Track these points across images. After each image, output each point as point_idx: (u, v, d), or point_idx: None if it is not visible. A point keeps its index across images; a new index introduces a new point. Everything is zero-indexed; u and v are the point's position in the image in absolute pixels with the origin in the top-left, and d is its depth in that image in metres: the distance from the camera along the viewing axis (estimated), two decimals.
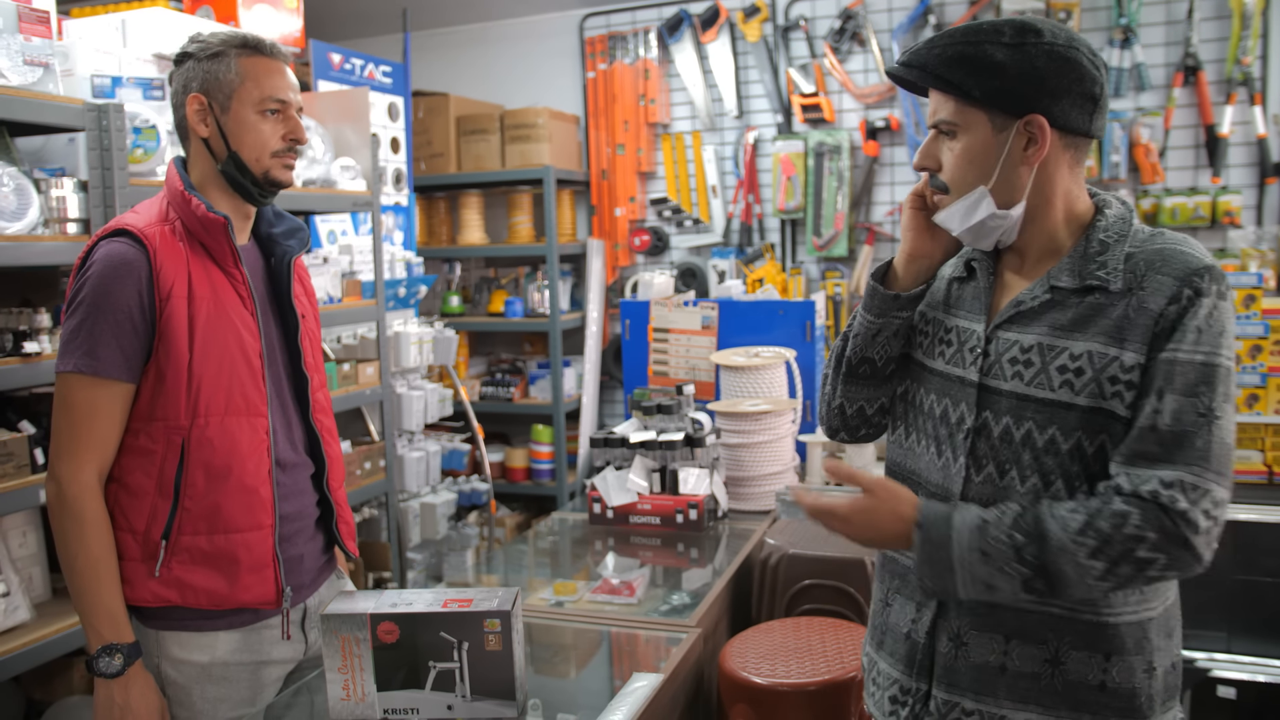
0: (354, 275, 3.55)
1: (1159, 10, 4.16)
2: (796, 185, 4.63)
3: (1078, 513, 1.30)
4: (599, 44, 5.02)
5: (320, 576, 1.97)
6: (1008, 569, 1.31)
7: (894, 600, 1.54)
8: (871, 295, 1.52)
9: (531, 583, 2.59)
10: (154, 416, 1.73)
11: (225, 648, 1.79)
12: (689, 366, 3.59)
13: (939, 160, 1.42)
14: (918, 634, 1.48)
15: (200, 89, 1.79)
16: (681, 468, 2.90)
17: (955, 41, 1.36)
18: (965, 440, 1.42)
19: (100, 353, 1.68)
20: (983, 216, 1.39)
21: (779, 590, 2.52)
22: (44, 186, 2.33)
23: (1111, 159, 4.12)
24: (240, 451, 1.77)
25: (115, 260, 1.69)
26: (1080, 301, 1.36)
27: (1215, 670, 2.91)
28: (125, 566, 1.75)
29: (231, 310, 1.79)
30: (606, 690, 2.01)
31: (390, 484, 3.59)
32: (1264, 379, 3.35)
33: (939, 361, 1.50)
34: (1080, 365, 1.34)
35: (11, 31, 2.26)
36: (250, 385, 1.80)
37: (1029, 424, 1.37)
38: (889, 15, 4.53)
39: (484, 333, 5.40)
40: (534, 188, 5.00)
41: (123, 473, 1.75)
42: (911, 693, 1.49)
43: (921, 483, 1.50)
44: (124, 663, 1.68)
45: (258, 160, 1.80)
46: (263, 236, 1.94)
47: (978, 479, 1.41)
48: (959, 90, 1.36)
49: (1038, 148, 1.36)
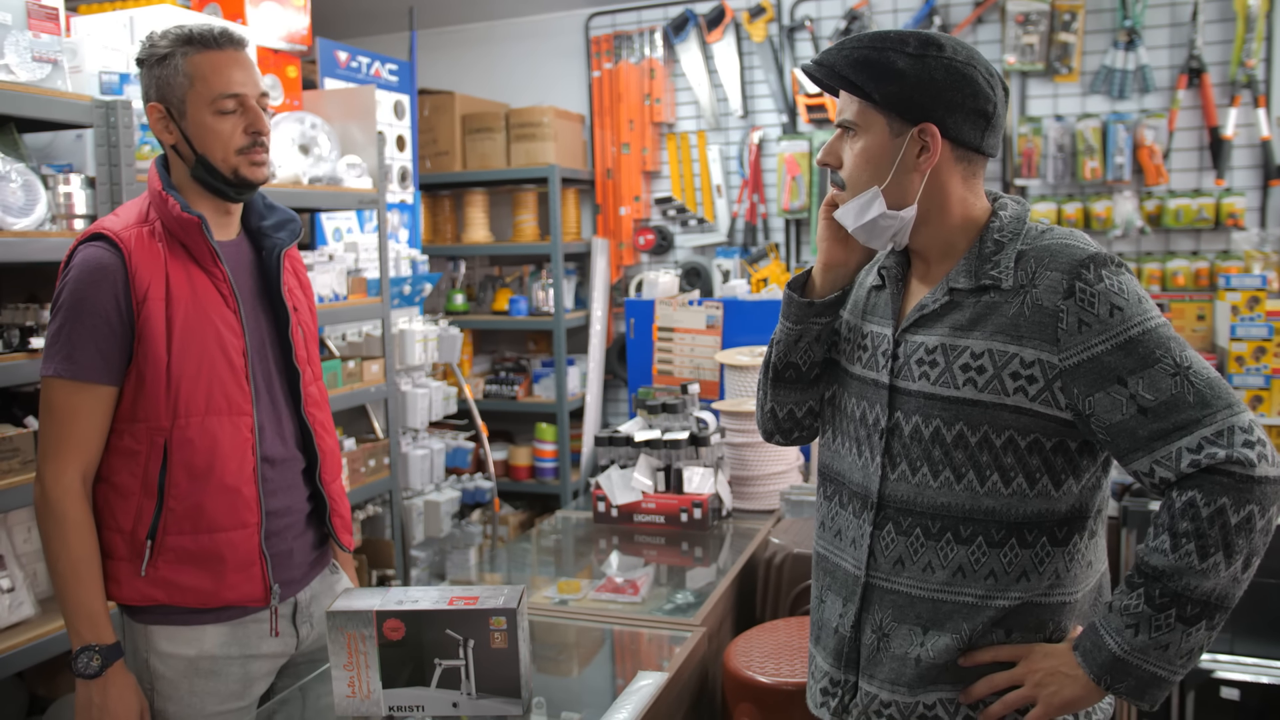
0: (359, 273, 3.56)
1: (1164, 12, 4.16)
2: (801, 185, 4.64)
3: (1161, 533, 1.30)
4: (604, 43, 5.02)
5: (312, 571, 1.96)
6: (1159, 623, 1.30)
7: (826, 597, 1.59)
8: (788, 303, 1.57)
9: (535, 581, 2.59)
10: (136, 417, 1.74)
11: (213, 641, 1.80)
12: (693, 366, 3.59)
13: (840, 158, 1.47)
14: (844, 628, 1.53)
15: (157, 97, 1.78)
16: (686, 467, 2.91)
17: (862, 46, 1.41)
18: (880, 440, 1.48)
19: (79, 357, 1.69)
20: (874, 215, 1.44)
21: (783, 589, 2.52)
22: (51, 183, 2.34)
23: (1116, 160, 4.12)
24: (222, 451, 1.77)
25: (91, 265, 1.70)
26: (977, 301, 1.41)
27: (1218, 671, 2.91)
28: (113, 565, 1.76)
29: (212, 309, 1.78)
30: (610, 689, 2.01)
31: (394, 482, 3.60)
32: (1268, 381, 3.35)
33: (856, 366, 1.55)
34: (981, 363, 1.38)
35: (20, 28, 2.26)
36: (232, 384, 1.79)
37: (936, 421, 1.42)
38: (894, 16, 4.53)
39: (488, 331, 5.40)
40: (539, 186, 5.00)
41: (110, 473, 1.76)
42: (841, 684, 1.54)
43: (845, 483, 1.55)
44: (102, 664, 1.69)
45: (224, 160, 1.78)
46: (253, 230, 1.93)
47: (893, 476, 1.47)
48: (860, 92, 1.40)
49: (929, 155, 1.41)
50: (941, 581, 1.43)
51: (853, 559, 1.52)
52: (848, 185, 1.46)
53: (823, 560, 1.61)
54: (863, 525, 1.50)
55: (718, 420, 3.08)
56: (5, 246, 2.18)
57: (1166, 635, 1.30)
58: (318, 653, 1.96)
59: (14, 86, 2.22)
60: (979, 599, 1.42)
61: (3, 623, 2.19)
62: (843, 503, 1.55)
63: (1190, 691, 2.96)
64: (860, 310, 1.58)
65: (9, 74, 2.23)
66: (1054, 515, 1.40)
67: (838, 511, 1.57)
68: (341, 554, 2.11)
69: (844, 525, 1.55)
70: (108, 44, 2.65)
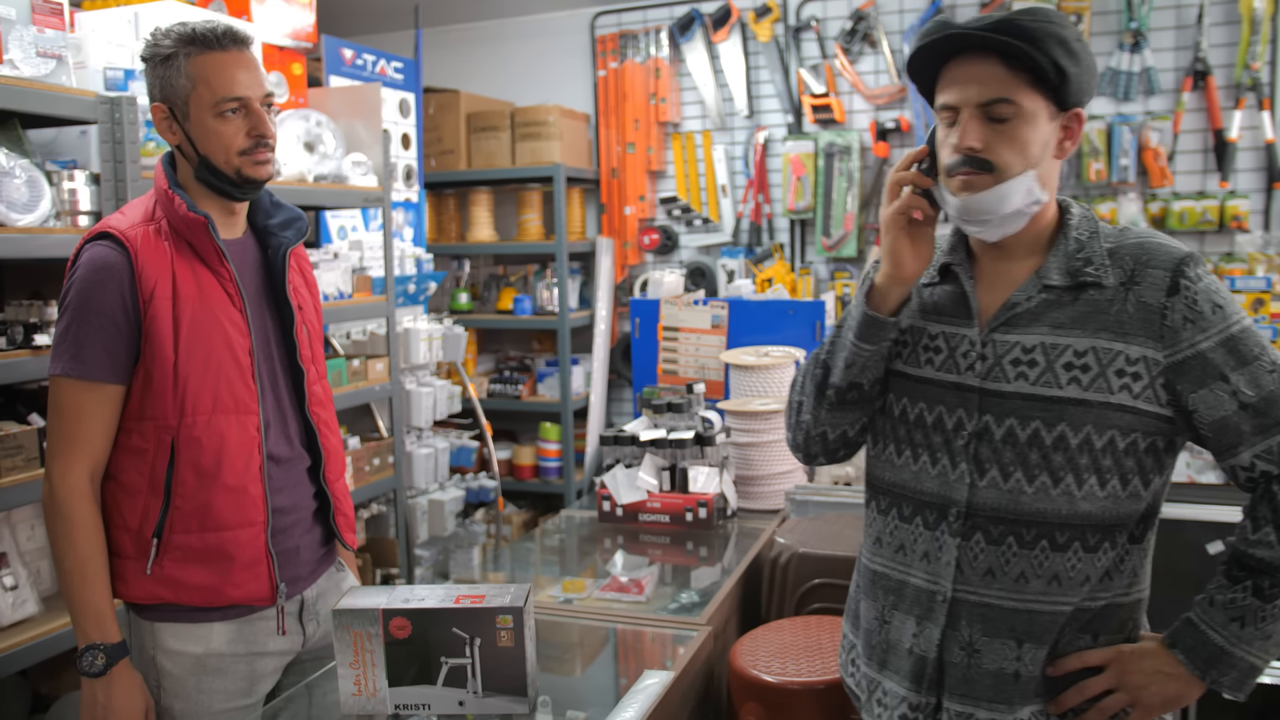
0: (364, 271, 3.55)
1: (1169, 15, 4.15)
2: (806, 185, 4.63)
3: (1265, 525, 1.34)
4: (610, 42, 5.02)
5: (319, 568, 1.96)
6: (1265, 613, 1.33)
7: (891, 617, 1.51)
8: (869, 325, 1.45)
9: (539, 580, 2.58)
10: (144, 416, 1.74)
11: (220, 639, 1.80)
12: (698, 365, 3.59)
13: (986, 141, 1.36)
14: (923, 648, 1.46)
15: (161, 97, 1.77)
16: (691, 466, 2.90)
17: (1045, 21, 1.32)
18: (966, 445, 1.41)
19: (86, 356, 1.69)
20: (1025, 202, 1.38)
21: (789, 589, 2.51)
22: (56, 179, 2.33)
23: (1120, 162, 4.11)
24: (229, 449, 1.77)
25: (97, 264, 1.70)
26: (1075, 299, 1.39)
27: None
28: (121, 564, 1.76)
29: (218, 308, 1.78)
30: (615, 688, 2.01)
31: (399, 480, 3.59)
32: None
33: (927, 369, 1.48)
34: (1086, 361, 1.36)
35: (25, 23, 2.26)
36: (239, 383, 1.79)
37: (1035, 423, 1.37)
38: (900, 17, 4.53)
39: (493, 330, 5.40)
40: (544, 185, 5.00)
41: (118, 471, 1.76)
42: (922, 708, 1.47)
43: (912, 494, 1.48)
44: (106, 663, 1.69)
45: (227, 162, 1.76)
46: (259, 228, 1.92)
47: (982, 483, 1.41)
48: (1048, 70, 1.32)
49: (1072, 143, 1.39)
50: (1037, 591, 1.39)
51: (926, 574, 1.46)
52: (999, 169, 1.35)
53: (882, 578, 1.53)
54: (940, 537, 1.44)
55: (723, 420, 3.07)
56: (9, 243, 2.18)
57: (1272, 625, 1.33)
58: (324, 650, 1.96)
59: (18, 82, 2.22)
60: (1074, 606, 1.39)
61: (6, 620, 2.19)
62: (907, 515, 1.48)
63: None
64: (917, 311, 1.51)
65: (13, 69, 2.23)
66: (1138, 514, 1.41)
67: (898, 525, 1.50)
68: (345, 552, 2.10)
69: (910, 539, 1.48)
70: (112, 40, 2.65)
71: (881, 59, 4.56)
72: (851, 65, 4.58)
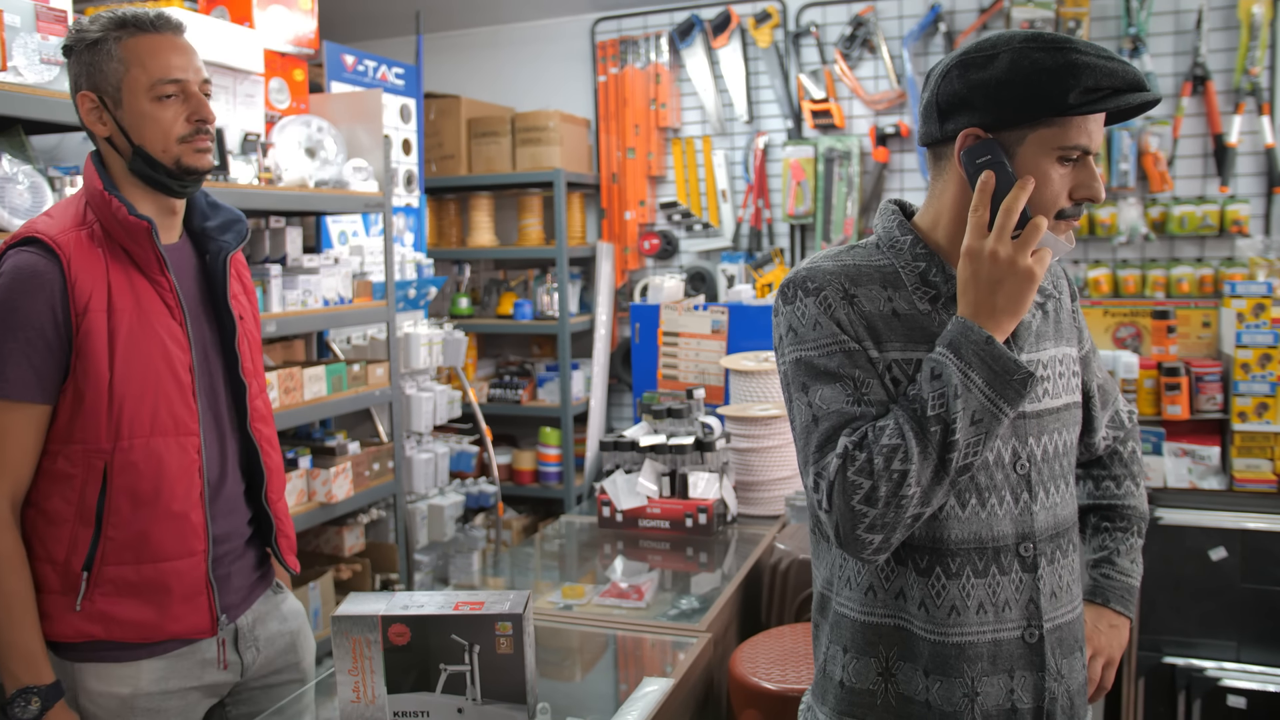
0: (364, 276, 3.56)
1: (1168, 20, 4.16)
2: (806, 190, 4.64)
3: (1126, 480, 1.65)
4: (610, 48, 5.02)
5: (252, 594, 1.85)
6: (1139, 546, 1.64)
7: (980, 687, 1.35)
8: (1025, 384, 1.26)
9: (539, 586, 2.59)
10: (72, 439, 1.60)
11: (149, 678, 1.68)
12: (698, 370, 3.59)
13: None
14: (1029, 700, 1.36)
15: (89, 85, 1.64)
16: (691, 472, 2.90)
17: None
18: (1020, 476, 1.36)
19: (8, 373, 1.55)
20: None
21: (789, 595, 2.51)
22: (58, 184, 2.34)
23: (1120, 168, 4.11)
24: (169, 474, 1.65)
25: (25, 272, 1.55)
26: (1044, 310, 1.45)
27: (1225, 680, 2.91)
28: (44, 600, 1.62)
29: (157, 321, 1.65)
30: (614, 695, 2.01)
31: (398, 485, 3.59)
32: (1273, 388, 3.35)
33: None
34: (1061, 369, 1.44)
35: (28, 30, 2.27)
36: (179, 402, 1.67)
37: (1056, 435, 1.41)
38: (899, 22, 4.53)
39: (493, 335, 5.40)
40: (544, 190, 5.00)
41: (40, 498, 1.62)
42: None
43: (986, 545, 1.35)
44: (41, 706, 1.57)
45: (165, 150, 1.64)
46: (196, 231, 1.78)
47: (1036, 508, 1.37)
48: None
49: None
50: (1079, 596, 1.46)
51: (1014, 623, 1.35)
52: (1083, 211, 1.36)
53: (961, 650, 1.34)
54: (1015, 579, 1.35)
55: (723, 425, 3.07)
56: None
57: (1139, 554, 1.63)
58: (271, 676, 1.88)
59: (21, 89, 2.23)
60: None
61: None
62: (980, 571, 1.34)
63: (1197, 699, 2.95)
64: (912, 339, 1.35)
65: (16, 76, 2.24)
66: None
67: (974, 584, 1.34)
68: (283, 574, 1.99)
69: (988, 594, 1.34)
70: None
71: (881, 64, 4.57)
72: (851, 71, 4.59)
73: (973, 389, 1.24)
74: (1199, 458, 3.43)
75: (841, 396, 1.32)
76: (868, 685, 1.39)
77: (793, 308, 1.37)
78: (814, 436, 1.32)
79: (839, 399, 1.32)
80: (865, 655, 1.39)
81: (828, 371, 1.33)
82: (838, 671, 1.42)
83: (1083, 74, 1.24)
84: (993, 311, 1.26)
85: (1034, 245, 1.25)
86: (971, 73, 1.30)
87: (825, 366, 1.33)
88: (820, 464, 1.30)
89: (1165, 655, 3.16)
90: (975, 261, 1.26)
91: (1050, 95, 1.24)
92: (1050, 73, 1.24)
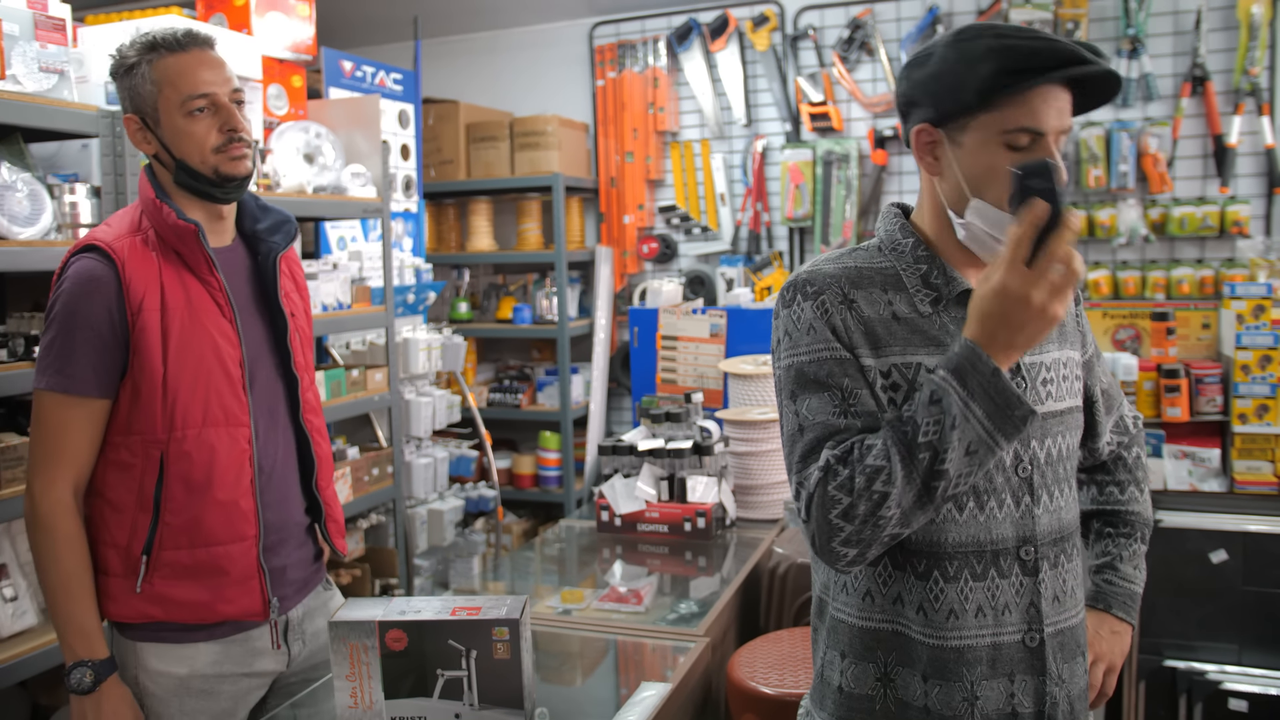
0: (363, 281, 3.56)
1: (1167, 21, 4.16)
2: (805, 193, 4.64)
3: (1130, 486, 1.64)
4: (608, 52, 5.03)
5: (306, 587, 1.94)
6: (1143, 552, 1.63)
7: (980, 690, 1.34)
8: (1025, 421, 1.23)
9: (538, 590, 2.59)
10: (131, 430, 1.72)
11: (205, 659, 1.77)
12: (697, 374, 3.59)
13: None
14: (1030, 704, 1.36)
15: (132, 108, 1.76)
16: (690, 476, 2.90)
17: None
18: (1022, 479, 1.36)
19: (72, 370, 1.67)
20: None
21: (787, 599, 2.51)
22: (57, 192, 2.34)
23: (1120, 169, 4.11)
24: (220, 463, 1.75)
25: (84, 277, 1.68)
26: None
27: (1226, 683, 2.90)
28: (109, 581, 1.73)
29: (208, 319, 1.76)
30: (613, 699, 2.01)
31: (398, 490, 3.60)
32: (1274, 390, 3.34)
33: None
34: (1065, 372, 1.43)
35: (28, 39, 2.27)
36: (229, 395, 1.77)
37: (1059, 438, 1.41)
38: (897, 25, 4.54)
39: (492, 339, 5.40)
40: (543, 195, 5.01)
41: (104, 486, 1.73)
42: None
43: (985, 548, 1.34)
44: (94, 680, 1.67)
45: (203, 161, 1.75)
46: (248, 234, 1.89)
47: (1038, 511, 1.37)
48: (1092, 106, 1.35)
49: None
50: (1081, 601, 1.45)
51: (1014, 627, 1.35)
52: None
53: (960, 654, 1.34)
54: (1014, 582, 1.35)
55: (721, 429, 3.07)
56: (11, 256, 2.19)
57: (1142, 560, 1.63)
58: (310, 671, 1.94)
59: (20, 96, 2.23)
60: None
61: (6, 632, 2.19)
62: (978, 574, 1.34)
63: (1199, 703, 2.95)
64: (912, 343, 1.34)
65: (16, 84, 2.24)
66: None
67: (972, 587, 1.34)
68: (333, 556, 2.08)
69: (986, 598, 1.34)
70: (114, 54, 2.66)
71: (879, 67, 4.57)
72: (849, 73, 4.59)
73: (972, 420, 1.21)
74: (1199, 460, 3.43)
75: (828, 407, 1.31)
76: (866, 690, 1.38)
77: (789, 311, 1.38)
78: (798, 446, 1.33)
79: (825, 410, 1.31)
80: (863, 660, 1.39)
81: (816, 380, 1.33)
82: (836, 676, 1.42)
83: (1002, 55, 1.25)
84: (1008, 347, 1.22)
85: (1070, 295, 1.21)
86: (914, 72, 1.36)
87: (815, 375, 1.33)
88: (802, 474, 1.31)
89: (1166, 658, 3.16)
90: (1006, 302, 1.20)
91: (973, 80, 1.27)
92: (972, 59, 1.27)
